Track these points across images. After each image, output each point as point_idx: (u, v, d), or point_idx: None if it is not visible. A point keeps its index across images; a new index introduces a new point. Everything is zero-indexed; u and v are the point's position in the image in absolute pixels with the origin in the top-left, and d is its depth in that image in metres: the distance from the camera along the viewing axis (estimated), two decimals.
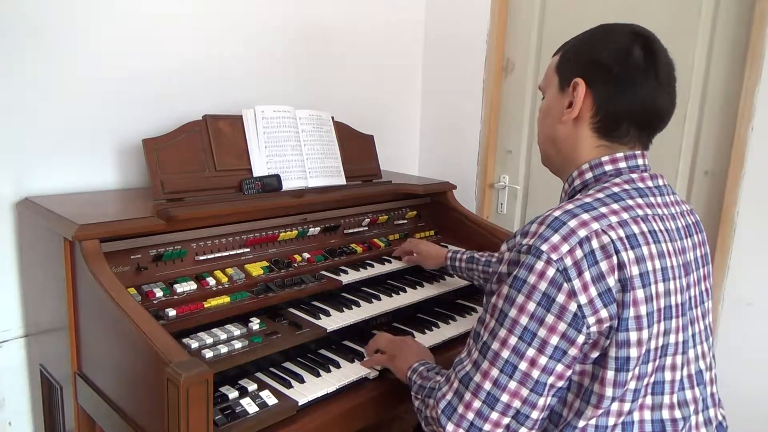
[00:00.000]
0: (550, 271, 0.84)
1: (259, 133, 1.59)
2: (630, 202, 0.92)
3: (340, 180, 1.73)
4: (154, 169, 1.42)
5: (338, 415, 1.18)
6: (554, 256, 0.85)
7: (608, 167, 0.98)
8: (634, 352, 0.86)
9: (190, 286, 1.32)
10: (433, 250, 1.65)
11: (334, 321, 1.37)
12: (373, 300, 1.50)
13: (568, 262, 0.84)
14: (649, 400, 0.92)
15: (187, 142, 1.48)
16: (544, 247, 0.85)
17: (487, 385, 0.90)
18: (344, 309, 1.43)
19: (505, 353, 0.88)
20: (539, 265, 0.85)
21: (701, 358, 0.99)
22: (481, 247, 1.85)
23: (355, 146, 1.84)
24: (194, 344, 1.17)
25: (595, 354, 0.88)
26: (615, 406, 0.89)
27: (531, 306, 0.86)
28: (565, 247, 0.85)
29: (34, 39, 1.45)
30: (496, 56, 2.23)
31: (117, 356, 1.13)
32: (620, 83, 0.95)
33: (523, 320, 0.87)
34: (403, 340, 1.31)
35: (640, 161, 0.99)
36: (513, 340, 0.88)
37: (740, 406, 1.74)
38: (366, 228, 1.78)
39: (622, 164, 0.98)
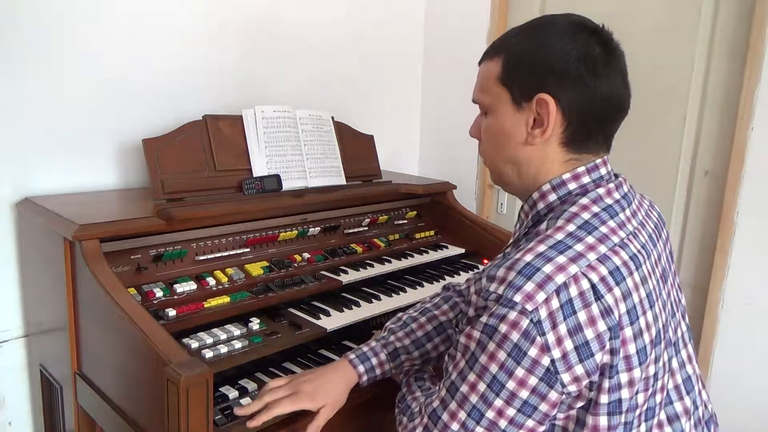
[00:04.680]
0: (524, 322, 0.77)
1: (259, 133, 1.59)
2: (604, 229, 0.85)
3: (340, 180, 1.73)
4: (154, 169, 1.42)
5: (338, 414, 1.18)
6: (529, 307, 0.77)
7: (572, 186, 0.90)
8: (626, 393, 0.81)
9: (190, 286, 1.32)
10: None
11: (334, 321, 1.37)
12: (373, 300, 1.50)
13: (543, 313, 0.77)
14: (643, 428, 0.88)
15: (187, 142, 1.48)
16: (517, 298, 0.78)
17: (455, 426, 0.85)
18: (344, 309, 1.43)
19: (474, 398, 0.83)
20: (512, 315, 0.78)
21: (687, 363, 0.96)
22: (481, 246, 1.86)
23: (355, 146, 1.84)
24: (194, 344, 1.17)
25: (580, 404, 0.83)
26: None
27: (501, 355, 0.80)
28: (540, 296, 0.77)
29: (34, 39, 1.45)
30: None
31: (117, 356, 1.13)
32: (593, 90, 0.86)
33: (493, 368, 0.81)
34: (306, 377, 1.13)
35: (603, 170, 0.92)
36: (482, 387, 0.82)
37: (740, 405, 1.75)
38: (366, 228, 1.78)
39: (586, 179, 0.91)
